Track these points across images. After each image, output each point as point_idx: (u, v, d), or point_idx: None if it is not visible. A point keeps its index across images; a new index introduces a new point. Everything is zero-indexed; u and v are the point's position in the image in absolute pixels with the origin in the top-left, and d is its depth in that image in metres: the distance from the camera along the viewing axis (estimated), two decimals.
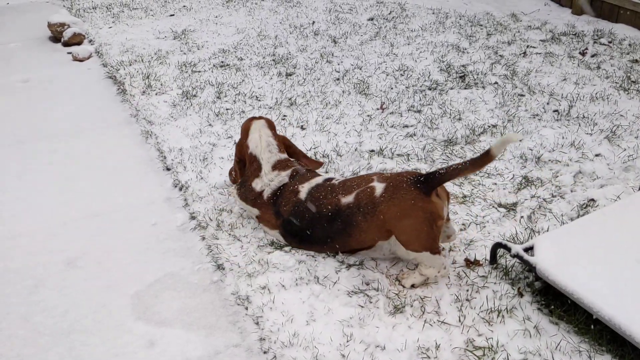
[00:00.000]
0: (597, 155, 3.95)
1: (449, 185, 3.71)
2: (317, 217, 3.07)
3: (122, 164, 4.25)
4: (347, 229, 3.00)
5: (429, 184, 2.81)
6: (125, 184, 4.01)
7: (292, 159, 3.49)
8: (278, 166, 3.36)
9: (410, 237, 2.85)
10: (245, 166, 3.50)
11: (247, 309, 2.91)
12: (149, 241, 3.45)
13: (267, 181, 3.32)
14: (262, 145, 3.42)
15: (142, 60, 5.91)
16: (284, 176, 3.31)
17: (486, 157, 2.72)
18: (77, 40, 6.55)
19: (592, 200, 3.51)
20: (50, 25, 6.72)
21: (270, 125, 3.55)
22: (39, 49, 6.57)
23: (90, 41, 6.62)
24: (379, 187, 2.93)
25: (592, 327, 2.63)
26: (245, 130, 3.53)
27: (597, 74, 5.13)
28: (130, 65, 5.81)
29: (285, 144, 3.55)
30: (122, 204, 3.80)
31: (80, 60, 6.17)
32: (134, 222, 3.63)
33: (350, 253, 3.15)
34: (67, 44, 6.53)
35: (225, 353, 2.70)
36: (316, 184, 3.20)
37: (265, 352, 2.67)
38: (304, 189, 3.19)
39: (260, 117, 3.60)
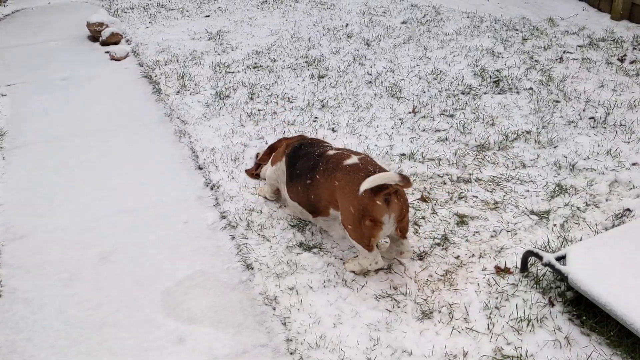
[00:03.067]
0: (634, 164, 3.87)
1: (481, 193, 3.68)
2: (307, 156, 3.29)
3: (156, 162, 4.33)
4: (312, 174, 3.19)
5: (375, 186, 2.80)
6: (158, 182, 4.08)
7: None
8: None
9: (344, 217, 2.97)
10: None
11: (274, 309, 2.94)
12: (180, 239, 3.51)
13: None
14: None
15: (177, 60, 6.00)
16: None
17: (407, 180, 2.76)
18: (114, 39, 6.68)
19: (628, 210, 3.43)
20: (89, 25, 6.87)
21: None
22: (77, 48, 6.73)
23: (127, 41, 6.75)
24: (351, 160, 3.04)
25: (625, 339, 2.58)
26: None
27: (636, 80, 5.02)
28: (166, 65, 5.91)
29: None
30: (154, 201, 3.87)
31: (118, 60, 6.30)
32: (166, 219, 3.69)
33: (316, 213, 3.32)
34: (105, 43, 6.68)
35: (252, 352, 2.73)
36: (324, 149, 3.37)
37: (292, 353, 2.69)
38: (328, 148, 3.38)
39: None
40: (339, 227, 3.45)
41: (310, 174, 3.22)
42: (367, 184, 2.74)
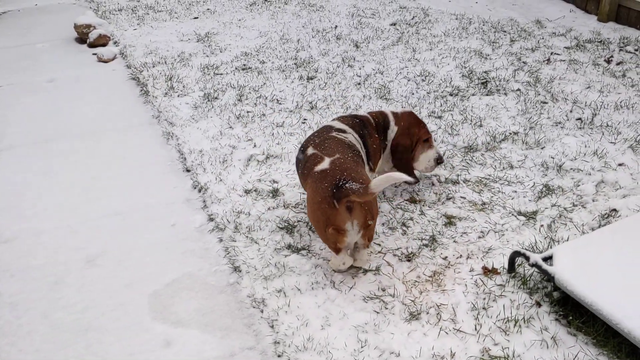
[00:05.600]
0: (620, 164, 3.89)
1: (470, 194, 3.69)
2: (302, 145, 3.38)
3: (144, 165, 4.31)
4: (299, 173, 3.34)
5: (338, 194, 2.83)
6: (146, 184, 4.06)
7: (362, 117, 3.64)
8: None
9: (311, 222, 3.10)
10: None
11: (262, 311, 2.92)
12: (168, 241, 3.49)
13: None
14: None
15: (165, 62, 5.98)
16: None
17: (365, 190, 2.77)
18: (102, 41, 6.65)
19: (614, 210, 3.45)
20: (76, 27, 6.83)
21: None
22: (65, 50, 6.69)
23: (115, 43, 6.71)
24: (323, 165, 3.03)
25: (611, 339, 2.59)
26: None
27: (623, 82, 5.06)
28: (154, 67, 5.88)
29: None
30: (142, 204, 3.85)
31: (105, 62, 6.27)
32: (153, 222, 3.67)
33: None
34: (92, 45, 6.64)
35: (240, 355, 2.72)
36: (330, 125, 3.46)
37: (279, 356, 2.68)
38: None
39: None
40: None
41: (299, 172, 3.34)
42: (380, 183, 2.76)
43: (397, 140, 3.62)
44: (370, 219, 2.94)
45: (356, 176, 2.91)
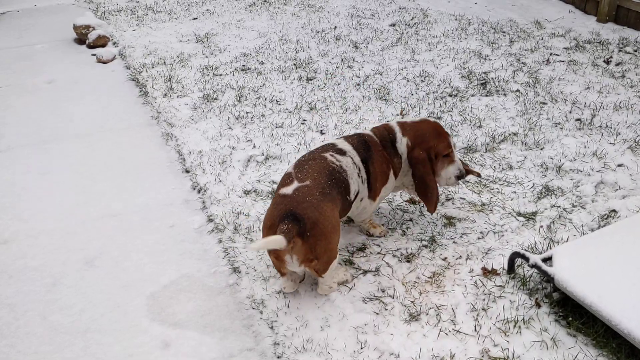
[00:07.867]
0: (619, 165, 3.89)
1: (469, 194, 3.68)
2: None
3: (142, 165, 4.30)
4: None
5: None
6: (145, 185, 4.05)
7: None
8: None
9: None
10: None
11: (261, 313, 2.92)
12: (166, 242, 3.48)
13: None
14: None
15: (164, 62, 5.97)
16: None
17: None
18: (101, 42, 6.64)
19: (614, 211, 3.45)
20: (75, 28, 6.82)
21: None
22: (64, 51, 6.68)
23: (114, 43, 6.71)
24: (287, 189, 2.82)
25: (611, 340, 2.58)
26: None
27: (622, 82, 5.05)
28: (153, 67, 5.87)
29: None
30: (141, 205, 3.84)
31: (104, 62, 6.26)
32: (152, 223, 3.66)
33: None
34: (91, 46, 6.63)
35: (239, 356, 2.71)
36: (333, 142, 3.19)
37: (279, 357, 2.67)
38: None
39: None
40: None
41: None
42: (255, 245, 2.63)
43: (410, 153, 3.22)
44: (314, 257, 2.73)
45: (308, 211, 2.71)
